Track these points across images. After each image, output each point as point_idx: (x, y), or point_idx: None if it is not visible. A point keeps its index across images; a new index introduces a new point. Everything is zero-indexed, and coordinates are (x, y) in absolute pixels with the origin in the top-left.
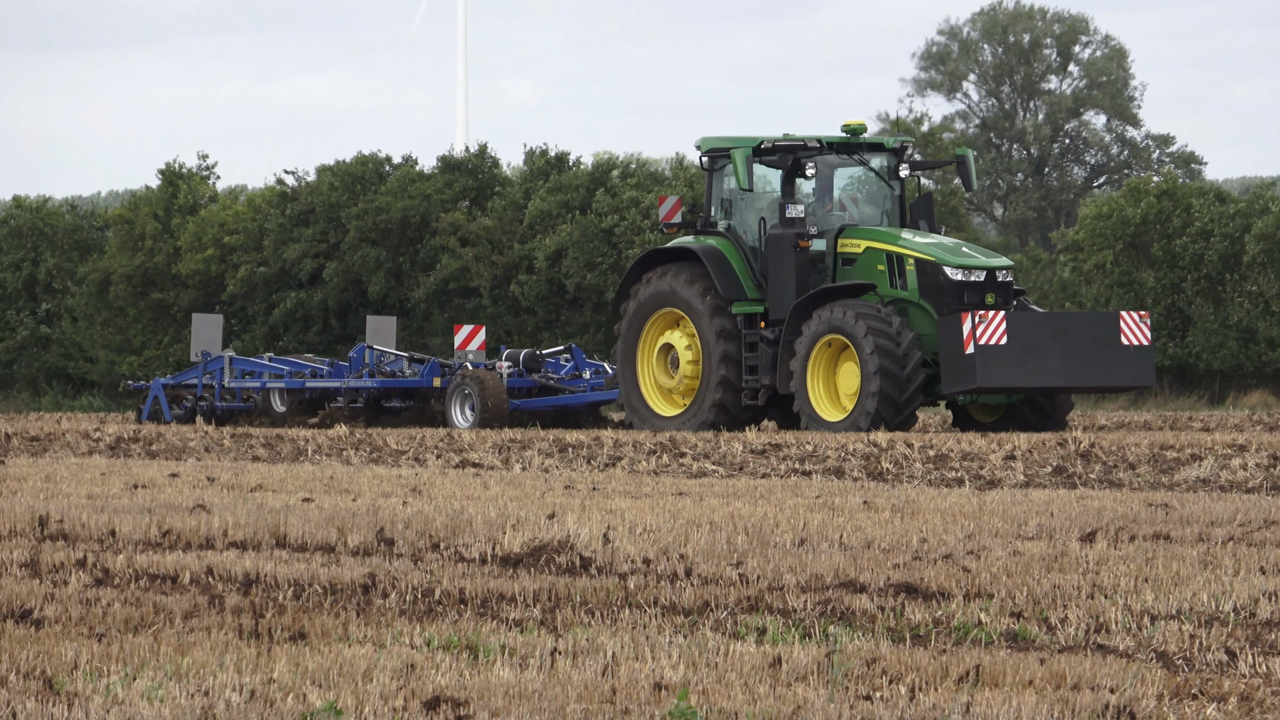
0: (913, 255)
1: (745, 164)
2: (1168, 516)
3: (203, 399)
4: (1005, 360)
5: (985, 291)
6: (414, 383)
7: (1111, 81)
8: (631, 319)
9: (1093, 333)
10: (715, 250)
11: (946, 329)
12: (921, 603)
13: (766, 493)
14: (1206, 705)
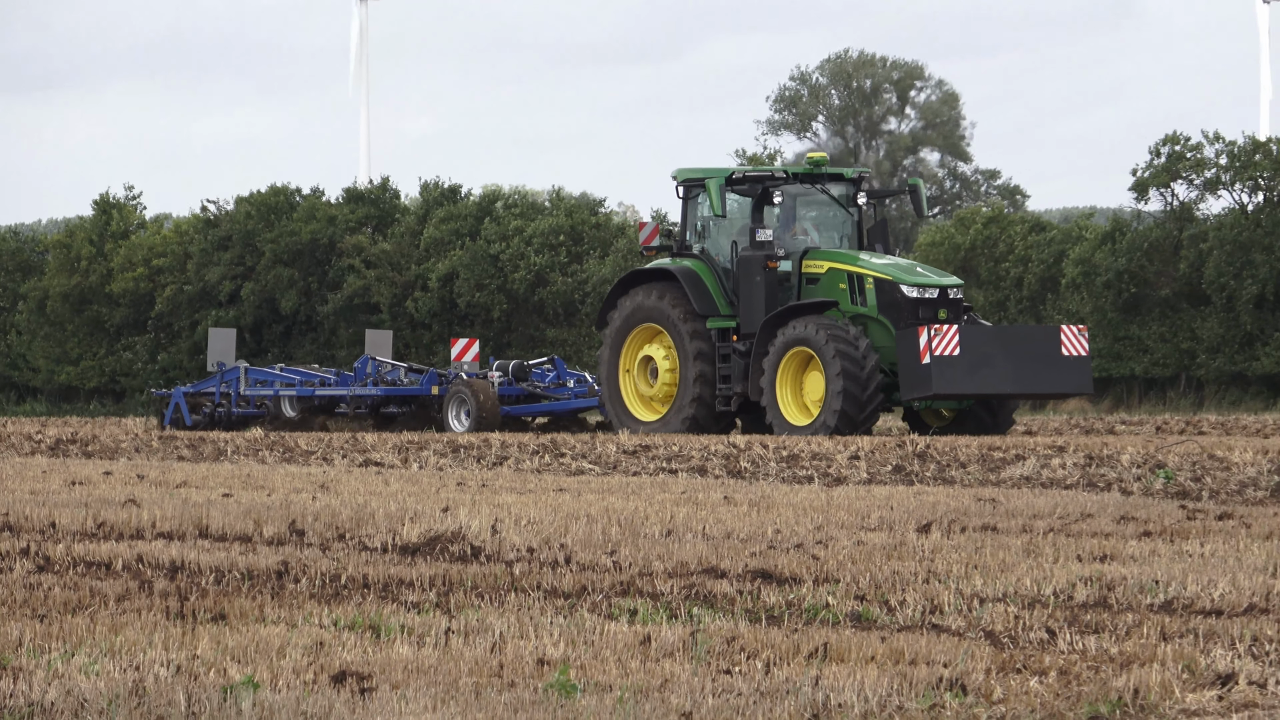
0: (872, 275)
1: (719, 192)
2: (995, 510)
3: (220, 406)
4: (958, 369)
5: (938, 307)
6: (414, 391)
7: (944, 122)
8: (615, 333)
9: (1036, 344)
10: (691, 271)
11: (905, 341)
12: (776, 587)
13: (637, 489)
14: (1030, 678)
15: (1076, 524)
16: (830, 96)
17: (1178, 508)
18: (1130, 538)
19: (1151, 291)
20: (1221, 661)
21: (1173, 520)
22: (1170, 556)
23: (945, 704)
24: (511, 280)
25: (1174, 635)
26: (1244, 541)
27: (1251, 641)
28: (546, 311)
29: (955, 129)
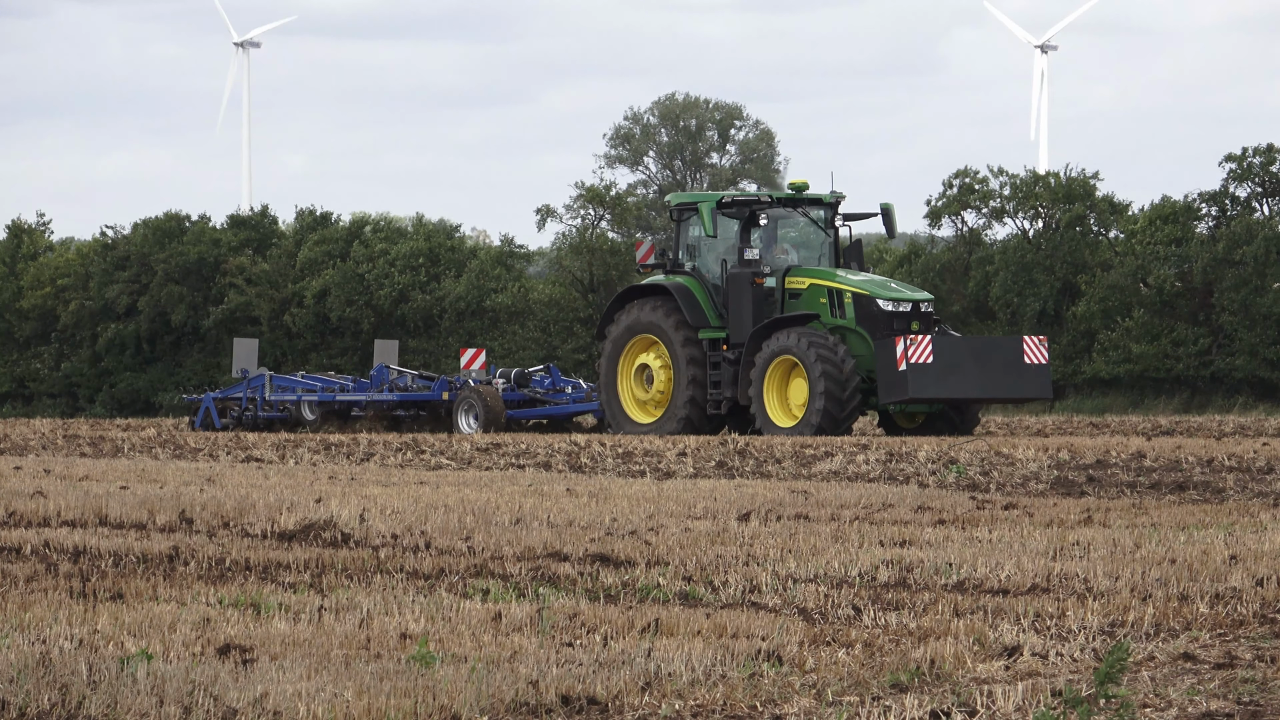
0: (850, 290)
1: (711, 215)
2: (807, 501)
3: (246, 410)
4: (931, 376)
5: (911, 320)
6: (426, 396)
7: (761, 157)
8: (613, 343)
9: (1001, 353)
10: (684, 287)
11: (882, 350)
12: (613, 569)
13: (490, 482)
14: (838, 650)
15: (879, 513)
16: (660, 134)
17: (969, 499)
18: (927, 525)
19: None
20: (1008, 635)
21: (964, 510)
22: (962, 542)
23: (763, 673)
24: (377, 297)
25: (966, 612)
26: (1027, 529)
27: (1035, 618)
28: (408, 325)
29: (771, 163)
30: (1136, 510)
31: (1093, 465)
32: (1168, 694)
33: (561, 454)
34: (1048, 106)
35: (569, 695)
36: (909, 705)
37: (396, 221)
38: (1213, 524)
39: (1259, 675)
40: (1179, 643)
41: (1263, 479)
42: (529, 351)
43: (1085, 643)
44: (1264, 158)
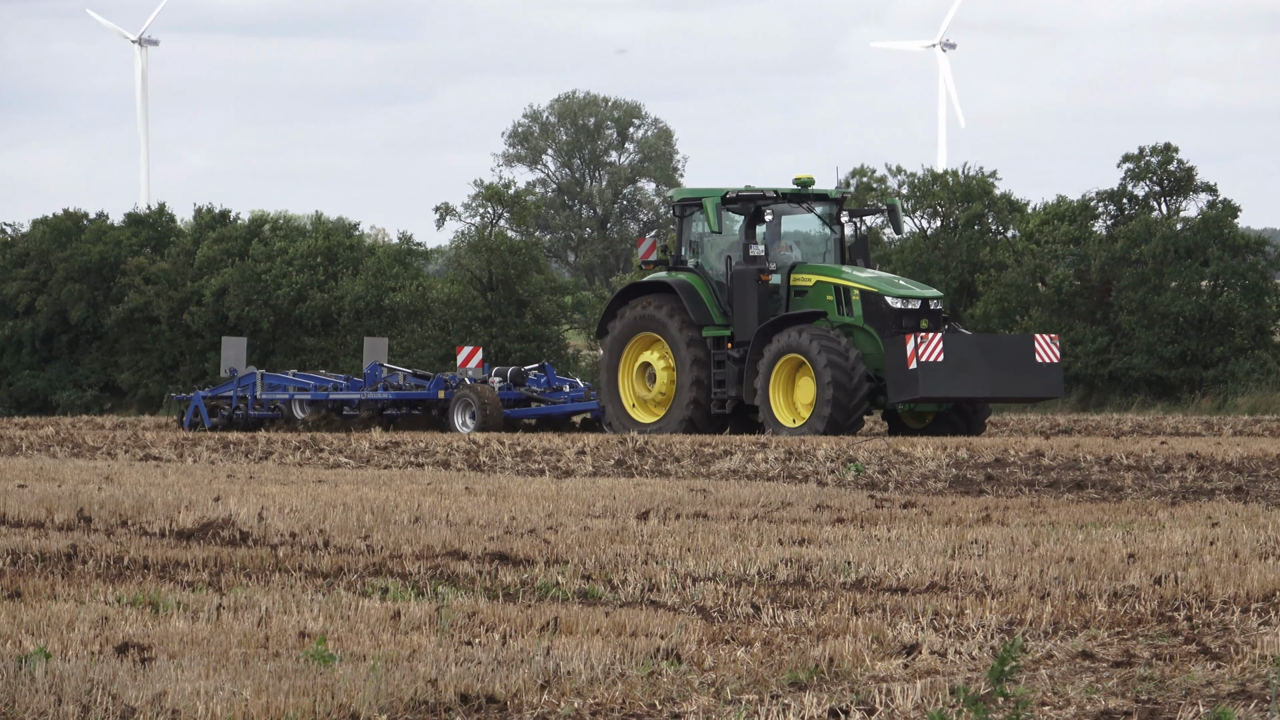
0: (858, 287)
1: (715, 211)
2: (706, 499)
3: (237, 409)
4: (942, 374)
5: (920, 317)
6: (421, 395)
7: (660, 155)
8: (614, 341)
9: (1011, 351)
10: (687, 283)
11: (892, 348)
12: (512, 568)
13: (388, 480)
14: (737, 648)
15: (778, 511)
16: (559, 133)
17: (867, 497)
18: (825, 524)
19: None
20: (907, 633)
21: (863, 508)
22: (861, 540)
23: (662, 671)
24: (275, 296)
25: (865, 610)
26: (926, 527)
27: (933, 616)
28: (306, 324)
29: (669, 162)
30: (1035, 509)
31: (991, 464)
32: (1066, 692)
33: (460, 452)
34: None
35: (468, 694)
36: (808, 703)
37: (295, 220)
38: (1111, 522)
39: (1157, 673)
40: (1077, 641)
41: (1160, 477)
42: (428, 350)
43: (984, 641)
44: (1161, 157)
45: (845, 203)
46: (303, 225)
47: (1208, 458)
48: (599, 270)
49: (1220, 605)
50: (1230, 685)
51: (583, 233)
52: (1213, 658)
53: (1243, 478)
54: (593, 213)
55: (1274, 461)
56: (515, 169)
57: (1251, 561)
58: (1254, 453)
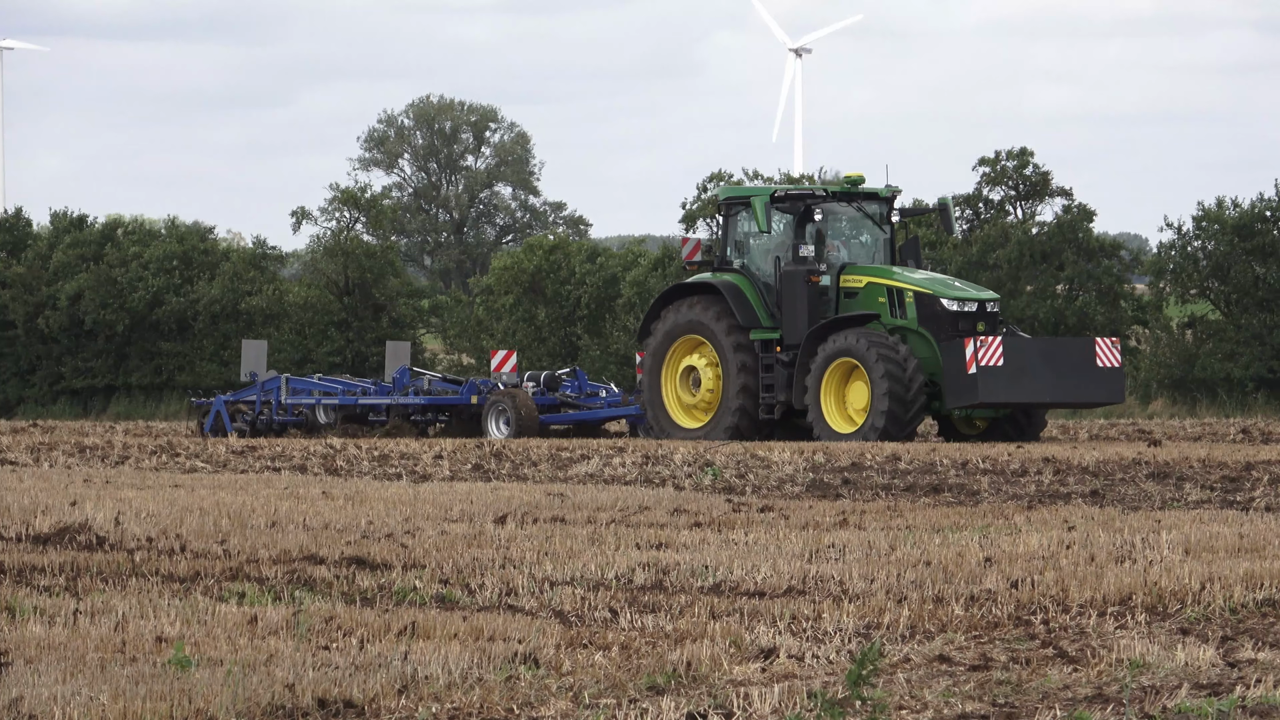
0: (912, 289)
1: (764, 210)
2: (563, 503)
3: (261, 414)
4: (1002, 379)
5: (977, 320)
6: (454, 400)
7: (517, 159)
8: (657, 345)
9: (1072, 355)
10: (733, 285)
11: (950, 352)
12: (369, 572)
13: (245, 485)
14: (595, 653)
15: (635, 515)
16: (415, 137)
17: (725, 501)
18: (683, 528)
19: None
20: (764, 637)
21: (720, 512)
22: (719, 544)
23: (520, 676)
24: (131, 300)
25: (722, 614)
26: (783, 531)
27: (791, 620)
28: (162, 328)
29: (526, 166)
30: (892, 512)
31: (848, 468)
32: (923, 696)
33: (318, 457)
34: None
35: (325, 699)
36: (666, 707)
37: (150, 224)
38: (967, 526)
39: (1014, 677)
40: (934, 645)
41: (1017, 481)
42: (284, 354)
43: (841, 645)
44: (1017, 161)
45: (895, 201)
46: (157, 229)
47: (1064, 461)
48: (455, 274)
49: (1077, 609)
50: (1087, 689)
51: (439, 237)
52: (1069, 661)
53: (1099, 481)
54: (449, 217)
55: (1129, 465)
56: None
57: (1108, 565)
58: (1109, 456)
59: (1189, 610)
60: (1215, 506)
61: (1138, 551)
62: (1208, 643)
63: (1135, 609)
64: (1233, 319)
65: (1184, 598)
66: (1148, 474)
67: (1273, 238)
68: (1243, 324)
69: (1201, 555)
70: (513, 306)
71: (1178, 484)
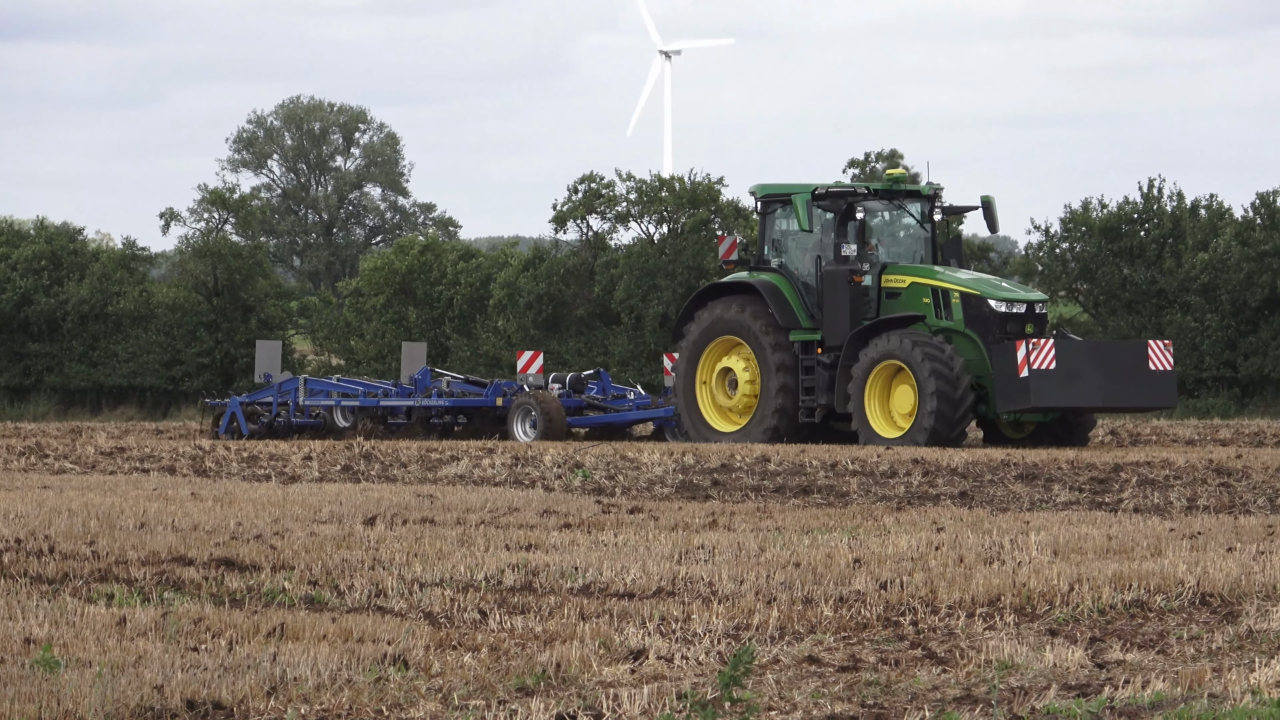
0: (958, 289)
1: (806, 208)
2: (433, 505)
3: (279, 416)
4: (1054, 383)
5: (1025, 322)
6: (478, 402)
7: (386, 160)
8: (692, 345)
9: (1125, 359)
10: (771, 284)
11: (1001, 355)
12: (238, 573)
13: (114, 486)
14: (464, 654)
15: (505, 517)
16: (284, 137)
17: (594, 503)
18: (552, 529)
19: (569, 312)
20: (634, 639)
21: (590, 514)
22: (588, 546)
23: (389, 677)
24: None
25: (592, 615)
26: (653, 532)
27: (660, 621)
28: (31, 329)
29: (395, 167)
30: (761, 514)
31: (718, 469)
32: (793, 697)
33: (186, 458)
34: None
35: (194, 700)
36: (535, 709)
37: (19, 224)
38: (837, 527)
39: (883, 678)
40: (804, 646)
41: (886, 482)
42: (153, 355)
43: (711, 646)
44: (887, 162)
45: (937, 200)
46: (25, 230)
47: (933, 463)
48: (325, 275)
49: (946, 610)
50: (955, 690)
51: (308, 238)
52: (938, 662)
53: (967, 483)
54: (318, 218)
55: (998, 467)
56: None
57: (976, 566)
58: (978, 458)
59: (1057, 611)
60: (1084, 508)
61: (1006, 553)
62: (1076, 644)
63: (1004, 610)
64: (1100, 320)
65: (1052, 599)
66: (1016, 475)
67: (1140, 239)
68: (1110, 325)
69: (1070, 556)
70: (383, 308)
71: (1046, 485)
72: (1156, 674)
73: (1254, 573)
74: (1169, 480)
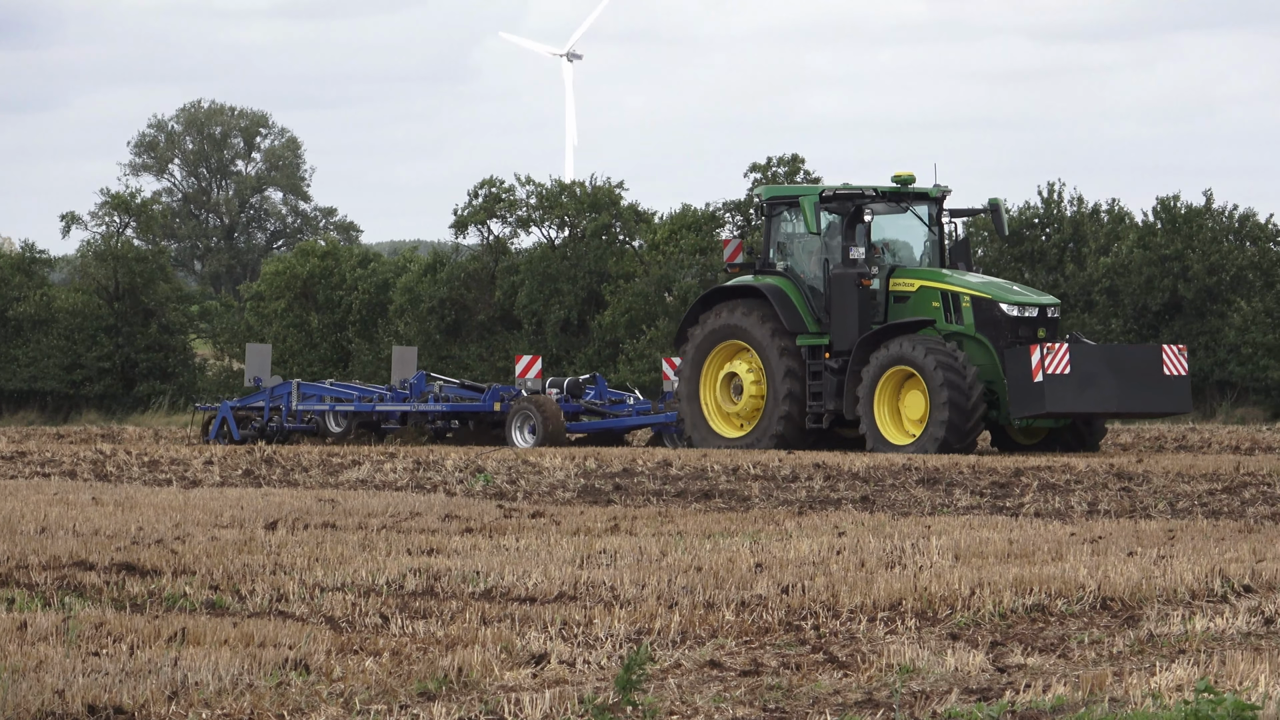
0: (968, 293)
1: (814, 210)
2: (334, 509)
3: (270, 421)
4: (1069, 388)
5: (1037, 326)
6: (475, 407)
7: (287, 165)
8: (695, 350)
9: (1139, 363)
10: (777, 288)
11: (1015, 359)
12: (139, 578)
13: (14, 491)
14: (366, 658)
15: (407, 521)
16: (185, 142)
17: (496, 507)
18: (454, 534)
19: (470, 317)
20: (536, 643)
21: (492, 518)
22: (490, 550)
23: (291, 682)
24: None
25: (494, 620)
26: (554, 537)
27: (562, 625)
28: None
29: (297, 171)
30: (663, 518)
31: (619, 474)
32: (694, 701)
33: (87, 462)
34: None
35: (95, 705)
36: (437, 713)
37: None
38: (738, 532)
39: (784, 682)
40: (705, 650)
41: (787, 487)
42: (53, 360)
43: (612, 650)
44: (788, 167)
45: (944, 202)
46: None
47: (834, 467)
48: (226, 279)
49: (847, 614)
50: (857, 694)
51: (209, 242)
52: (840, 666)
53: (869, 487)
54: (219, 222)
55: (899, 471)
56: (142, 178)
57: (878, 571)
58: (879, 462)
59: (959, 615)
60: (985, 512)
61: (908, 557)
62: (977, 648)
63: (905, 614)
64: None
65: (954, 603)
66: (918, 480)
67: (1041, 244)
68: None
69: (971, 561)
70: (284, 312)
71: (948, 490)
72: (1057, 678)
73: (1154, 577)
74: (1070, 485)
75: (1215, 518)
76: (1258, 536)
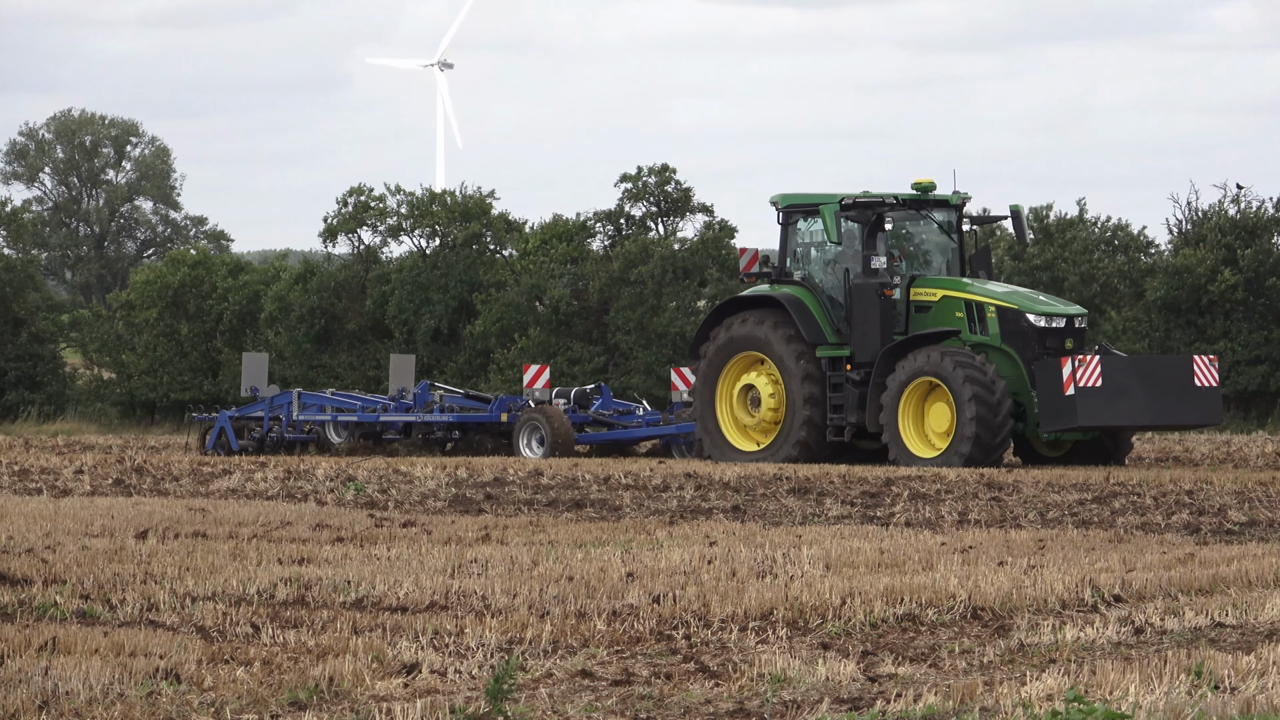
0: (994, 303)
1: (834, 219)
2: (205, 518)
3: (270, 431)
4: (1101, 400)
5: (1065, 337)
6: (482, 418)
7: (158, 174)
8: (710, 362)
9: (1170, 375)
10: (796, 298)
11: (1046, 372)
12: (9, 587)
13: None
14: (237, 668)
15: (278, 530)
16: (56, 150)
17: (367, 516)
18: (325, 543)
19: (341, 326)
20: (407, 653)
21: (363, 527)
22: (361, 559)
23: (162, 691)
24: None
25: (365, 629)
26: (426, 546)
27: (433, 635)
28: None
29: (167, 180)
30: (534, 528)
31: (491, 483)
32: (566, 711)
33: None
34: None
35: None
36: None
37: None
38: (610, 541)
39: (656, 691)
40: (577, 659)
41: (659, 496)
42: None
43: (484, 660)
44: (659, 177)
45: (965, 209)
46: None
47: (705, 477)
48: (96, 288)
49: (719, 624)
50: (729, 703)
51: (80, 251)
52: (711, 676)
53: (740, 497)
54: (90, 231)
55: (770, 481)
56: (12, 186)
57: (749, 580)
58: (750, 472)
59: (830, 625)
60: (856, 522)
61: (779, 566)
62: (848, 657)
63: (776, 624)
64: None
65: (825, 612)
66: (789, 489)
67: None
68: None
69: (842, 570)
70: (155, 321)
71: (818, 499)
72: (928, 687)
73: (1025, 586)
74: (940, 494)
75: (1085, 527)
76: (1127, 546)
